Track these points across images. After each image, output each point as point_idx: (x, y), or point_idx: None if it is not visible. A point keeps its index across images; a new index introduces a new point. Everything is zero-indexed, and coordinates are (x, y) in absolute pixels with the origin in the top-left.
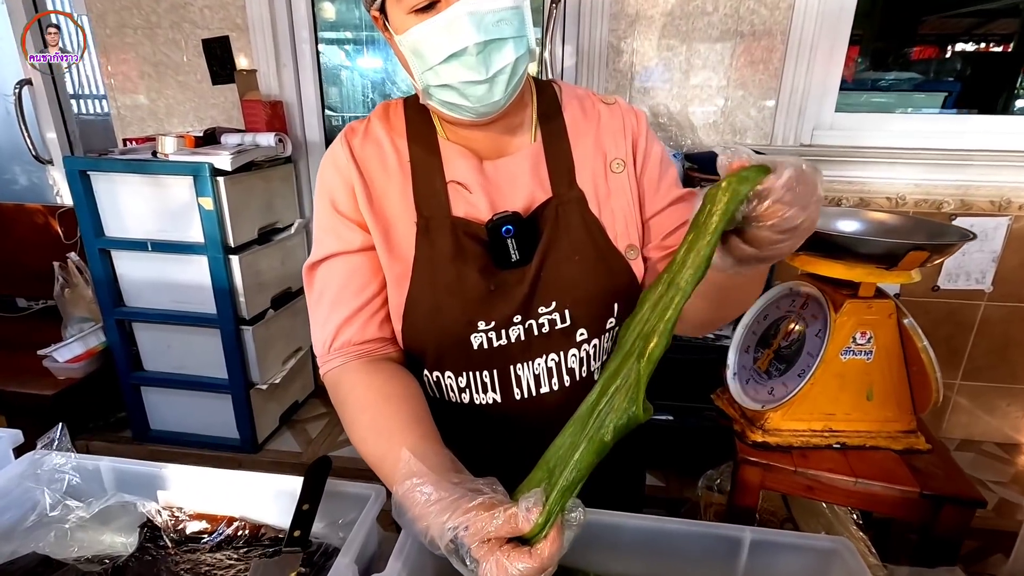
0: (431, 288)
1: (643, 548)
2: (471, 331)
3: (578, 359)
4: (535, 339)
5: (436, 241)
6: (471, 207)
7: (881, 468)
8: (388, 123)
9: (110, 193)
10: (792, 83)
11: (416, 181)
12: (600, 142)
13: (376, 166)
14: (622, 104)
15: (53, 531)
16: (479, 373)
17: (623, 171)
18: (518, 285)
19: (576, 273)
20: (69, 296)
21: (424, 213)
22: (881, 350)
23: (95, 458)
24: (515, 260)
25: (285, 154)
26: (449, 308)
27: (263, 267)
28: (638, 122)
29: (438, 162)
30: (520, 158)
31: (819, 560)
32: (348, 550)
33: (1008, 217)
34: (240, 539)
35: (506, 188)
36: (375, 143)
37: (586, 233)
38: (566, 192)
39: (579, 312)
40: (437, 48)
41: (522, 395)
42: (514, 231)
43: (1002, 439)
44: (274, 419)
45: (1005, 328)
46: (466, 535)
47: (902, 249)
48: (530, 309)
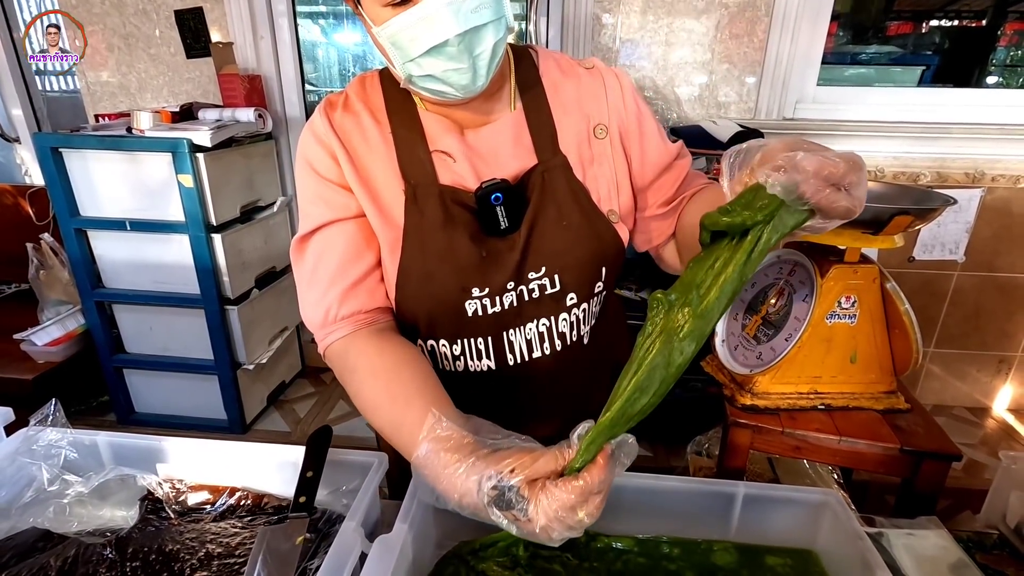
0: (423, 256)
1: (640, 507)
2: (465, 298)
3: (568, 323)
4: (526, 304)
5: (425, 209)
6: (457, 176)
7: (864, 427)
8: (366, 96)
9: (84, 171)
10: (776, 56)
11: (400, 150)
12: (582, 107)
13: (358, 138)
14: (600, 67)
15: (52, 506)
16: (474, 340)
17: (606, 137)
18: (509, 252)
19: (565, 238)
20: (45, 278)
21: (411, 181)
22: (865, 314)
23: (92, 433)
24: (504, 227)
25: (266, 130)
26: (442, 276)
27: (246, 246)
28: (621, 84)
29: (420, 133)
30: (501, 126)
31: (809, 512)
32: (354, 514)
33: (981, 189)
34: (243, 508)
35: (489, 157)
36: (354, 116)
37: (572, 198)
38: (550, 158)
39: (569, 277)
40: (417, 41)
41: (515, 360)
42: (503, 199)
43: (972, 404)
44: (261, 400)
45: (976, 297)
46: (512, 476)
47: (887, 214)
48: (520, 275)
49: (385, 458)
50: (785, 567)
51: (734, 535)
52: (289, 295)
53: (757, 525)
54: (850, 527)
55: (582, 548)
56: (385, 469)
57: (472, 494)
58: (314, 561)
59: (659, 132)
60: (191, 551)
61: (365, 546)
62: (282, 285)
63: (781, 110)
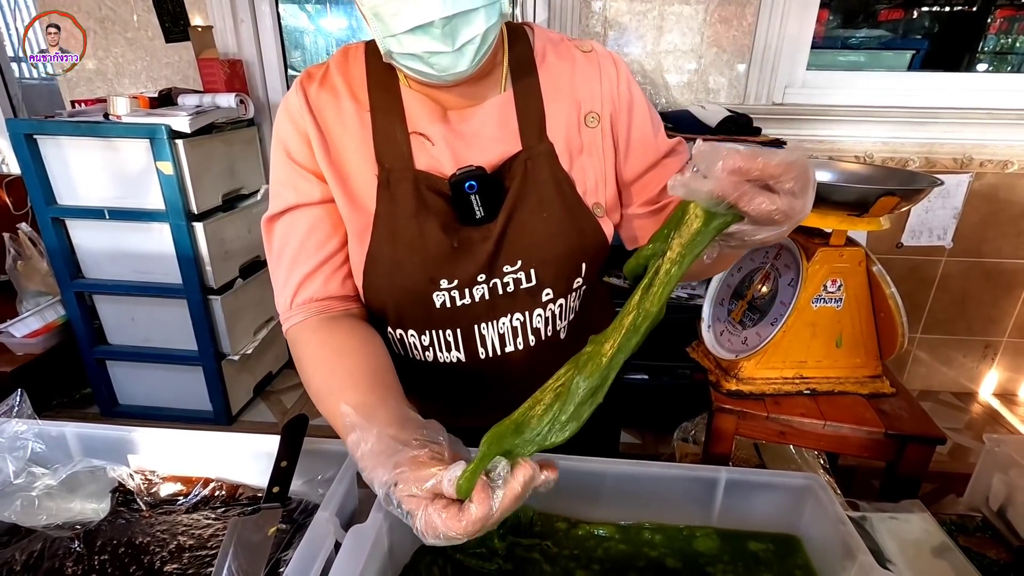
0: (391, 244)
1: (623, 494)
2: (433, 289)
3: (543, 319)
4: (499, 298)
5: (397, 195)
6: (434, 160)
7: (849, 411)
8: (347, 70)
9: (60, 159)
10: (765, 40)
11: (376, 131)
12: (574, 93)
13: (333, 117)
14: (599, 51)
15: (19, 499)
16: (442, 332)
17: (597, 126)
18: (482, 243)
19: (544, 231)
20: (23, 269)
21: (385, 165)
22: (851, 298)
23: (59, 424)
24: (480, 217)
25: (247, 116)
26: (410, 265)
27: (229, 235)
28: (617, 71)
29: (400, 112)
30: (488, 108)
31: (792, 497)
32: (328, 504)
33: (969, 174)
34: (217, 499)
35: (472, 140)
36: (332, 92)
37: (555, 189)
38: (536, 145)
39: (546, 272)
40: (399, 17)
41: (487, 354)
42: (478, 187)
43: (957, 389)
44: (247, 390)
45: (963, 283)
46: (395, 491)
47: (873, 195)
48: (494, 268)
49: None
50: (767, 552)
51: (716, 521)
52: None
53: (740, 510)
54: (832, 511)
55: (562, 536)
56: None
57: (378, 492)
58: (287, 552)
59: (652, 126)
60: (162, 543)
61: (340, 536)
62: (267, 275)
63: (770, 95)
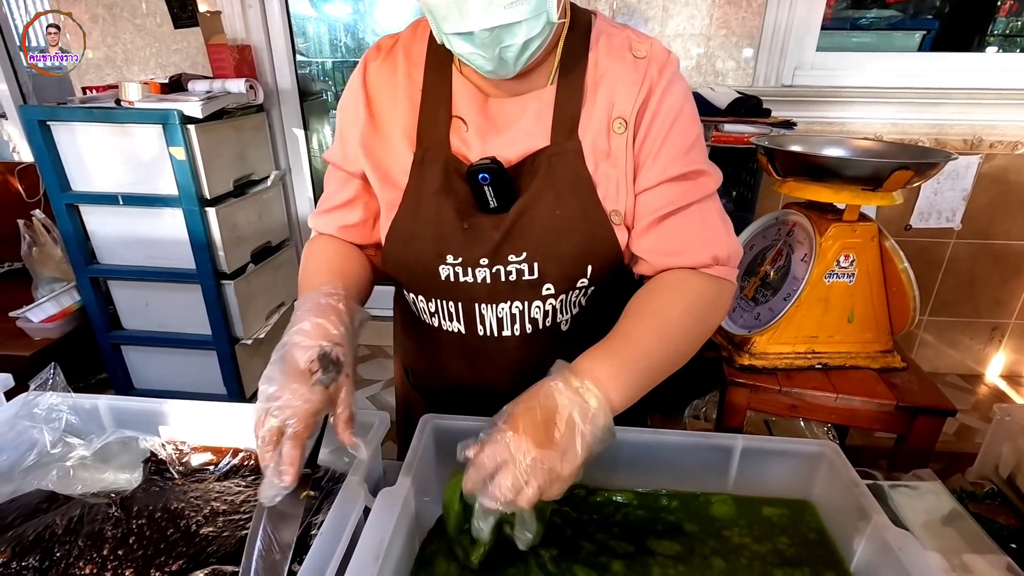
0: (412, 218)
1: (640, 462)
2: (440, 263)
3: (542, 311)
4: (501, 284)
5: (428, 174)
6: (465, 145)
7: (860, 385)
8: (411, 48)
9: (73, 145)
10: (775, 22)
11: (423, 111)
12: (612, 95)
13: (387, 95)
14: (654, 55)
15: (55, 470)
16: (446, 302)
17: (624, 133)
18: (492, 230)
19: (553, 228)
20: (37, 256)
21: (423, 144)
22: (863, 273)
23: (93, 397)
24: (494, 207)
25: (257, 101)
26: (423, 239)
27: (240, 220)
28: (660, 75)
29: (448, 95)
30: (528, 100)
31: (807, 464)
32: (357, 470)
33: (979, 156)
34: (246, 468)
35: (503, 130)
36: (391, 68)
37: (574, 189)
38: (563, 142)
39: (549, 267)
40: (447, 21)
41: (485, 332)
42: (491, 180)
43: (964, 371)
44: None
45: (971, 265)
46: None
47: (887, 169)
48: (499, 255)
49: (387, 417)
50: (782, 517)
51: (732, 488)
52: (285, 270)
53: (755, 477)
54: (846, 476)
55: (581, 502)
56: (387, 428)
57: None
58: (318, 516)
59: (665, 147)
60: (196, 508)
61: (368, 500)
62: (278, 260)
63: (779, 77)
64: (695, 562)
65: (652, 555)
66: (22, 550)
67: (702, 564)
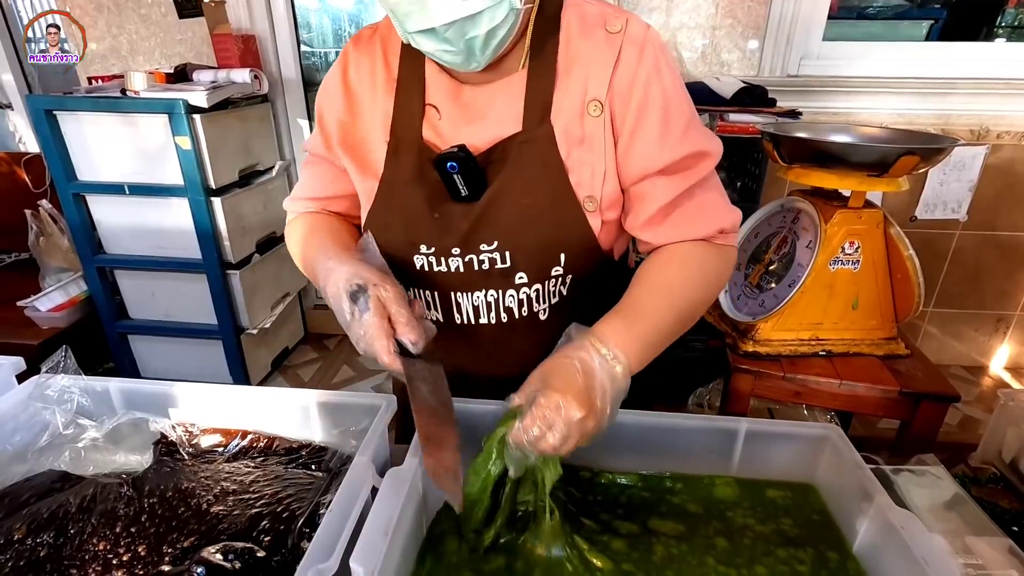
0: (386, 207)
1: (644, 445)
2: (414, 252)
3: (516, 300)
4: (475, 273)
5: (402, 163)
6: (437, 133)
7: (864, 371)
8: (388, 36)
9: (79, 135)
10: (781, 11)
11: (398, 102)
12: (585, 76)
13: (364, 84)
14: (630, 30)
15: (67, 451)
16: (422, 292)
17: (600, 115)
18: (462, 219)
19: (522, 217)
20: (44, 246)
21: (397, 134)
22: (868, 260)
23: (104, 380)
24: (464, 195)
25: (261, 91)
26: (396, 228)
27: (246, 211)
28: (640, 59)
29: (421, 84)
30: (500, 87)
31: (810, 446)
32: (365, 450)
33: (986, 146)
34: (255, 450)
35: (474, 117)
36: (370, 57)
37: (544, 176)
38: (534, 128)
39: (520, 256)
40: (409, 18)
41: (463, 321)
42: (459, 168)
43: (969, 363)
44: (265, 364)
45: (976, 257)
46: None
47: (894, 154)
48: (470, 244)
49: (394, 400)
50: (785, 499)
51: (736, 471)
52: (290, 261)
53: (758, 461)
54: (850, 458)
55: (585, 483)
56: (393, 411)
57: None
58: (327, 496)
59: (660, 137)
60: (206, 488)
61: (376, 481)
62: (283, 251)
63: (785, 67)
64: (698, 542)
65: (655, 534)
66: (37, 527)
67: (705, 544)
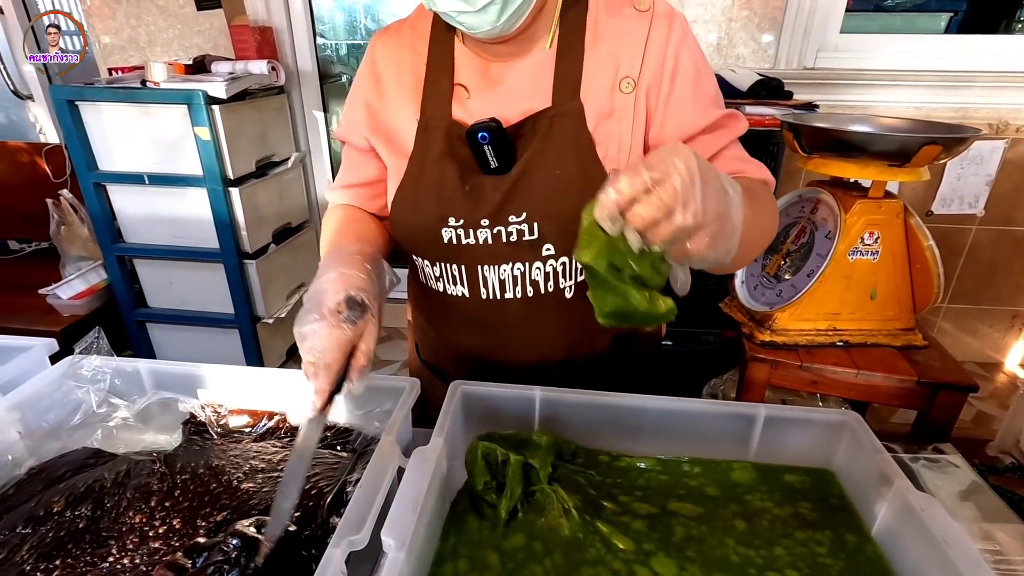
0: (416, 184)
1: (663, 430)
2: (442, 225)
3: (543, 273)
4: (503, 245)
5: (431, 141)
6: (466, 110)
7: (881, 361)
8: (416, 25)
9: (99, 125)
10: (799, 3)
11: (427, 82)
12: (616, 54)
13: (392, 71)
14: (658, 9)
15: (99, 429)
16: (449, 265)
17: (631, 92)
18: (493, 191)
19: (553, 188)
20: (65, 234)
21: (427, 112)
22: (887, 250)
23: (134, 361)
24: (495, 167)
25: (278, 83)
26: (426, 203)
27: (262, 201)
28: (670, 33)
29: (450, 64)
30: (528, 64)
31: (828, 432)
32: (391, 430)
33: (1005, 140)
34: (282, 430)
35: (503, 94)
36: (398, 44)
37: (574, 149)
38: (565, 103)
39: (548, 227)
40: None
41: (488, 295)
42: (490, 138)
43: (983, 359)
44: (280, 354)
45: (993, 252)
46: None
47: (916, 144)
48: (500, 215)
49: (417, 383)
50: (803, 484)
51: (753, 456)
52: (305, 251)
53: (776, 446)
54: (869, 443)
55: (604, 467)
56: (417, 394)
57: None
58: (354, 474)
59: (695, 99)
60: (236, 466)
61: (402, 461)
62: (298, 241)
63: (802, 59)
64: (717, 523)
65: (674, 516)
66: (75, 500)
67: (724, 525)
